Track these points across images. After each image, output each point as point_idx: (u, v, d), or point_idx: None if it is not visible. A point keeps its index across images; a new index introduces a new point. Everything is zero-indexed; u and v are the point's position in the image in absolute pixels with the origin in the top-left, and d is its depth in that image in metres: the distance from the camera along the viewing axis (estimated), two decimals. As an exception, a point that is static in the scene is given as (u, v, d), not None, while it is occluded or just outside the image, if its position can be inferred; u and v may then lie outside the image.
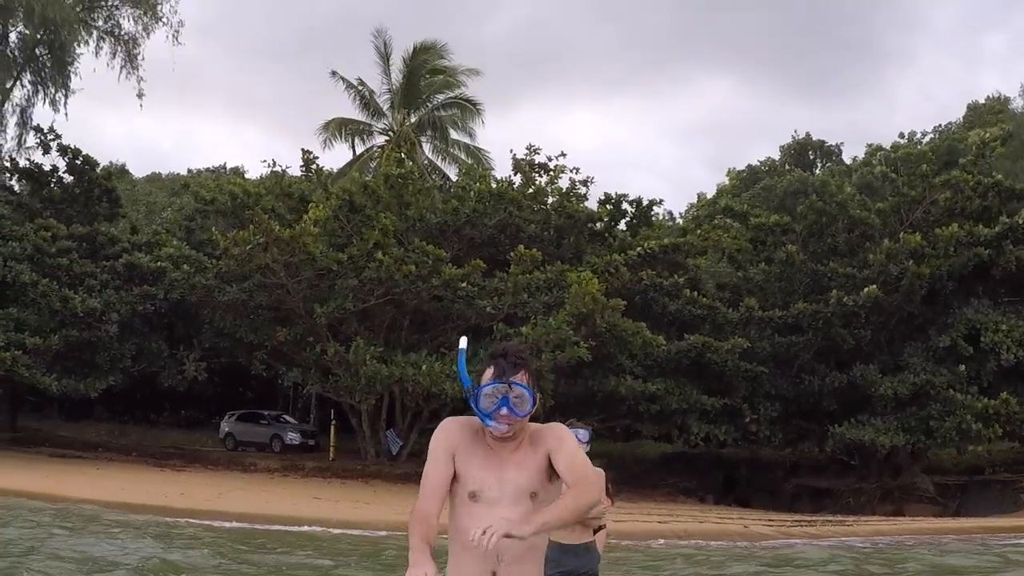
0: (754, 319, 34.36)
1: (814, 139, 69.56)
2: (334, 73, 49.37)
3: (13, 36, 47.40)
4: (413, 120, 49.63)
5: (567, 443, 4.42)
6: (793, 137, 69.81)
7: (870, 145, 56.36)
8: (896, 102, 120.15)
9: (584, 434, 10.13)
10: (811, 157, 68.62)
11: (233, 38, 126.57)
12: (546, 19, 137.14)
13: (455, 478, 4.41)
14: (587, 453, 10.38)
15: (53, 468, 32.29)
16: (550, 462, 4.35)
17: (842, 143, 75.57)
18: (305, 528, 23.21)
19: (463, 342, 4.50)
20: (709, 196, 66.57)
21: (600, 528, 13.62)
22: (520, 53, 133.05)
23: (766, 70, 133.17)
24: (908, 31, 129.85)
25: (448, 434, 4.48)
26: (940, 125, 61.78)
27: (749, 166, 69.13)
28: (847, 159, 64.95)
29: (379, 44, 49.35)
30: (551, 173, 35.08)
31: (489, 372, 4.30)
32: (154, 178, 70.66)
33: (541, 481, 4.34)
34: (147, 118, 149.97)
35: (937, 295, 34.68)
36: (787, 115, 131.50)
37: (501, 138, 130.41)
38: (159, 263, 35.57)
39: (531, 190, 34.63)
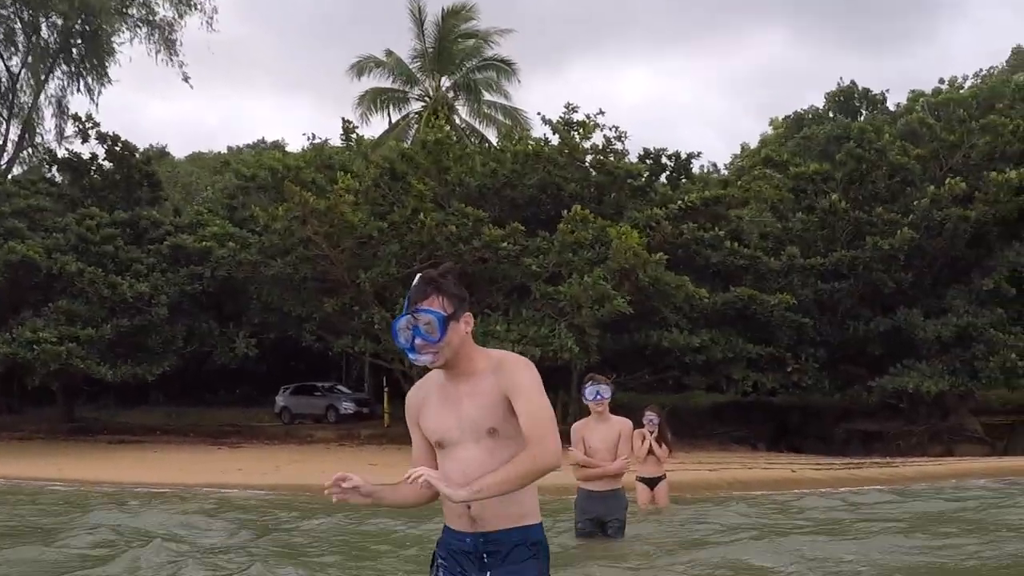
0: (796, 267, 34.31)
1: (860, 87, 68.75)
2: (352, 67, 50.17)
3: (45, 28, 47.73)
4: (447, 84, 49.89)
5: (527, 391, 4.21)
6: (838, 85, 69.02)
7: (912, 91, 55.80)
8: (948, 50, 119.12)
9: (607, 390, 10.27)
10: (856, 105, 67.83)
11: (280, 14, 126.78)
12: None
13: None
14: (609, 405, 10.58)
15: (112, 454, 32.78)
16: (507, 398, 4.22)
17: (887, 90, 74.58)
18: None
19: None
20: (753, 146, 66.16)
21: (661, 478, 13.81)
22: (574, 13, 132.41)
23: (820, 20, 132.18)
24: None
25: (410, 406, 4.49)
26: (981, 70, 60.87)
27: (796, 113, 68.49)
28: (892, 107, 64.16)
29: (414, 9, 49.67)
30: (583, 129, 35.02)
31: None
32: (196, 158, 71.07)
33: (499, 416, 4.21)
34: (193, 99, 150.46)
35: (981, 239, 34.77)
36: (840, 65, 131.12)
37: (554, 99, 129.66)
38: (204, 243, 35.85)
39: (566, 150, 34.53)
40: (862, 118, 57.33)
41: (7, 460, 30.18)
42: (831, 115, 63.18)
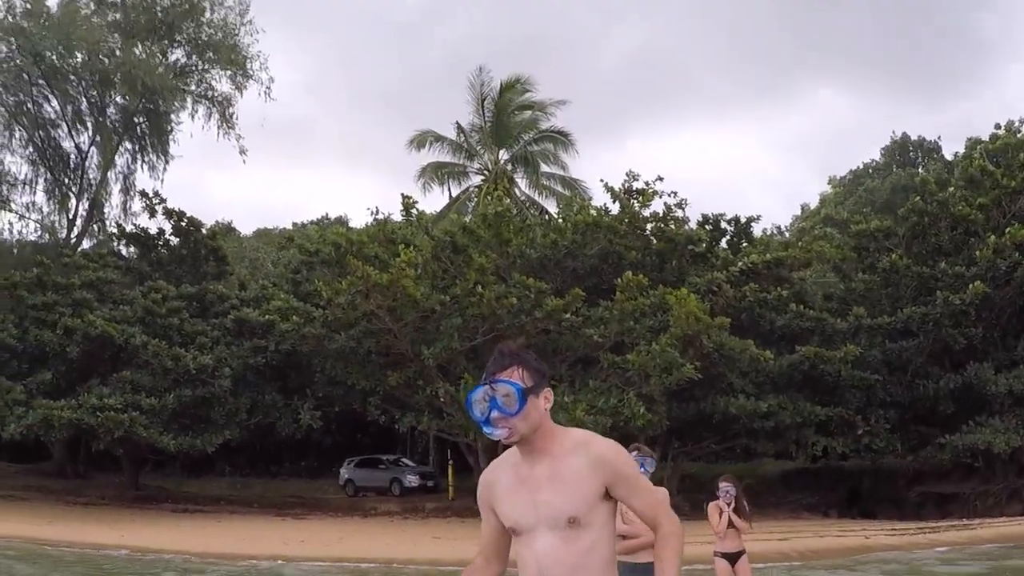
0: (863, 327, 33.93)
1: (912, 137, 68.65)
2: (412, 141, 50.61)
3: (111, 108, 48.68)
4: (506, 157, 50.19)
5: (635, 481, 4.08)
6: (891, 138, 68.99)
7: (970, 139, 55.55)
8: (1001, 97, 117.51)
9: (652, 463, 9.99)
10: (912, 156, 67.67)
11: (346, 91, 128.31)
12: (656, 45, 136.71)
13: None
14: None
15: (176, 523, 32.96)
16: (605, 488, 3.99)
17: (939, 137, 74.53)
18: (424, 567, 23.28)
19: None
20: (812, 207, 65.98)
21: (742, 552, 13.36)
22: (629, 80, 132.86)
23: (875, 73, 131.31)
24: (1012, 21, 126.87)
25: (482, 488, 4.26)
26: (1034, 114, 60.37)
27: (852, 171, 68.50)
28: (948, 154, 64.02)
29: (476, 84, 50.10)
30: (642, 197, 35.00)
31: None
32: (262, 233, 71.73)
33: (584, 505, 3.97)
34: (259, 176, 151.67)
35: (1049, 286, 34.08)
36: (893, 114, 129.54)
37: (612, 166, 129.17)
38: (268, 316, 36.21)
39: (627, 219, 34.53)
40: (921, 170, 57.13)
41: (72, 525, 30.47)
42: (893, 168, 63.05)
